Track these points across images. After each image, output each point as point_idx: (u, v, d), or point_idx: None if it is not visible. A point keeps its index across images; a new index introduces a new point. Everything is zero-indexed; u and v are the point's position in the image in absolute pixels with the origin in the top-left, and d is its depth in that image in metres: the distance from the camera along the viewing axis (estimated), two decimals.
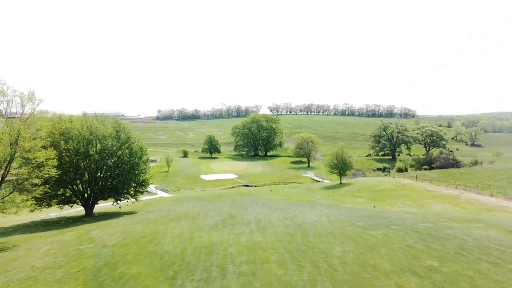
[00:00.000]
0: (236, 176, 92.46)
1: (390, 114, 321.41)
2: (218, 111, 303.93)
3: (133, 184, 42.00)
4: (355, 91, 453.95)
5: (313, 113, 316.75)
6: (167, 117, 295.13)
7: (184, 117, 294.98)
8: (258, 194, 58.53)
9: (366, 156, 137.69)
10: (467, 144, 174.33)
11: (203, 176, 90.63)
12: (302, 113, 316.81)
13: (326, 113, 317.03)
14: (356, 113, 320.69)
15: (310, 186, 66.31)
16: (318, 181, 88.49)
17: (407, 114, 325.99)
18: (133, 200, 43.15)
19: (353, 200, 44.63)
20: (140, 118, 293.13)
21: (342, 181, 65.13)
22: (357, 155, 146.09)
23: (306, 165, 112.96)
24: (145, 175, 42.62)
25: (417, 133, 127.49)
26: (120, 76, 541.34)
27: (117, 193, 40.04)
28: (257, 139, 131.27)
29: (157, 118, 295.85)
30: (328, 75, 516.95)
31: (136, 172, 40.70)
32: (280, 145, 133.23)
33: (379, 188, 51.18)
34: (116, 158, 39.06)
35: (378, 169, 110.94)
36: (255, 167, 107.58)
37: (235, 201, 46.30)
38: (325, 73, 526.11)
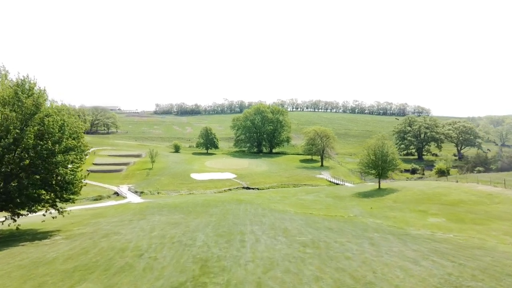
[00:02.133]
0: (234, 176, 74.91)
1: (402, 112, 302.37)
2: (219, 106, 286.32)
3: (54, 186, 24.61)
4: (365, 87, 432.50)
5: (320, 110, 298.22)
6: (166, 112, 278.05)
7: (184, 112, 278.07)
8: (263, 202, 41.00)
9: None
10: (496, 145, 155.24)
11: (194, 176, 73.13)
12: (308, 110, 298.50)
13: (334, 110, 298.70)
14: (366, 111, 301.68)
15: (333, 192, 48.48)
16: (338, 184, 70.76)
17: (420, 113, 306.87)
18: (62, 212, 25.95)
19: (423, 220, 26.75)
20: (137, 112, 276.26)
21: (378, 185, 47.19)
22: None
23: (319, 164, 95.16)
24: (73, 174, 25.08)
25: (449, 129, 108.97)
26: (118, 69, 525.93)
27: (11, 202, 22.58)
28: (261, 133, 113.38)
29: (155, 112, 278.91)
30: (336, 70, 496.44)
31: (50, 167, 23.18)
32: (288, 140, 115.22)
33: (450, 199, 33.26)
34: (9, 141, 21.57)
35: (406, 171, 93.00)
36: (258, 165, 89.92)
37: (226, 216, 28.76)
38: (333, 68, 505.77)
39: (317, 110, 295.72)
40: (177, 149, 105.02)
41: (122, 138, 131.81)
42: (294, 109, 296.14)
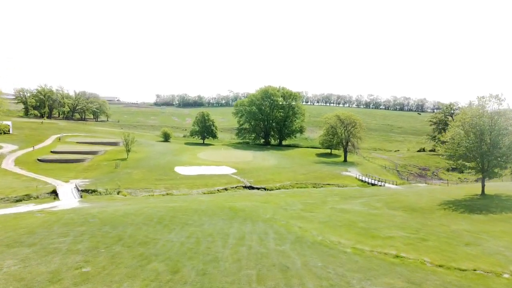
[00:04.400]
0: (234, 171, 56.33)
1: (421, 108, 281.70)
2: (224, 98, 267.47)
3: None
4: (381, 81, 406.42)
5: (332, 104, 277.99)
6: (167, 103, 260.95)
7: (186, 104, 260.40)
8: (275, 216, 22.44)
9: (419, 151, 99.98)
10: None
11: (179, 169, 54.68)
12: (319, 104, 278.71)
13: (347, 104, 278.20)
14: (382, 106, 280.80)
15: (394, 198, 29.38)
16: (374, 185, 51.79)
17: (440, 109, 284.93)
18: None
19: None
20: (136, 103, 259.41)
21: (482, 189, 27.90)
22: (405, 149, 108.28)
23: (341, 158, 76.12)
24: None
25: None
26: (120, 60, 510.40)
27: None
28: (269, 121, 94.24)
29: (155, 104, 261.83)
30: (349, 62, 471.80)
31: None
32: (301, 130, 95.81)
33: None
34: None
35: (453, 169, 73.10)
36: (265, 158, 71.22)
37: (180, 271, 9.74)
38: (346, 60, 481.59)
39: (328, 104, 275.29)
40: (166, 137, 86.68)
41: (108, 126, 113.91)
42: (304, 103, 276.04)
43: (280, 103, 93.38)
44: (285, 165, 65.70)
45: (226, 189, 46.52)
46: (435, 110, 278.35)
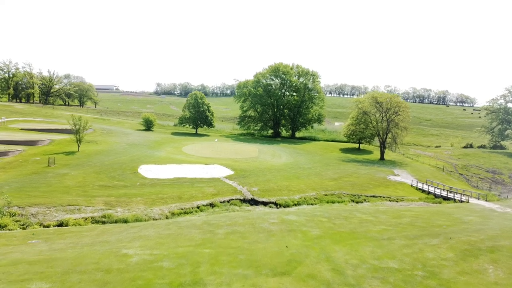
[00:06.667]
0: (229, 172, 37.60)
1: (442, 100, 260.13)
2: (229, 88, 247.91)
3: None
4: (399, 70, 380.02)
5: (346, 95, 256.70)
6: (168, 93, 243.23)
7: (188, 93, 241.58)
8: None
9: (465, 147, 79.84)
10: None
11: (145, 170, 36.15)
12: (332, 95, 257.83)
13: (362, 96, 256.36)
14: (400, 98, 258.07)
15: None
16: (448, 199, 32.89)
17: (463, 102, 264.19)
18: None
19: None
20: (135, 92, 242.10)
21: None
22: (448, 144, 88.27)
23: (376, 156, 57.22)
24: None
25: None
26: (121, 48, 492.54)
27: None
28: (280, 107, 74.86)
29: (155, 93, 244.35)
30: (364, 51, 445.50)
31: None
32: (320, 120, 76.24)
33: None
34: None
35: None
36: (274, 154, 52.39)
37: None
38: (361, 49, 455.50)
39: (342, 96, 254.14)
40: (148, 125, 68.18)
41: (84, 112, 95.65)
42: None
43: (294, 84, 73.68)
44: (304, 164, 46.79)
45: (212, 205, 28.07)
46: (458, 104, 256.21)
